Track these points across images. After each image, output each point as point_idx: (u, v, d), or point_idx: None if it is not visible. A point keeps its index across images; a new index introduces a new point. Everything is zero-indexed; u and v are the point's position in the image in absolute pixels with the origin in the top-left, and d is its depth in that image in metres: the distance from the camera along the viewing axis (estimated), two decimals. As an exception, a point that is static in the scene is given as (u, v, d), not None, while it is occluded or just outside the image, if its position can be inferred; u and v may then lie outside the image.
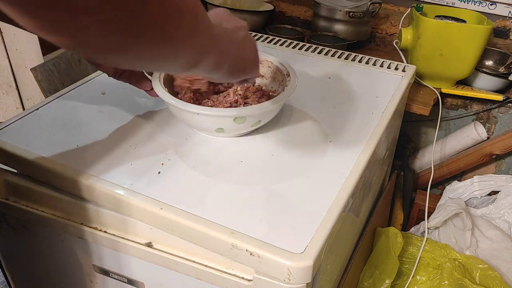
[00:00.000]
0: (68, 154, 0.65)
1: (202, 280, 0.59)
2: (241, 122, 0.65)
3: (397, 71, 0.95)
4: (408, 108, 1.11)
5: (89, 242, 0.65)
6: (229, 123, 0.65)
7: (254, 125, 0.69)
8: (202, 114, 0.64)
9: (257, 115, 0.67)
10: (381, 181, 1.08)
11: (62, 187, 0.64)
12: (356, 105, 0.82)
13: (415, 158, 1.36)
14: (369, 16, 1.30)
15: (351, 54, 1.01)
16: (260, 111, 0.66)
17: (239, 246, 0.53)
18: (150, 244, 0.61)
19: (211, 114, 0.64)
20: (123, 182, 0.61)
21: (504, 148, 1.21)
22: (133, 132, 0.71)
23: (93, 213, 0.64)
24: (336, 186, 0.62)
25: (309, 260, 0.51)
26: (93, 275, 0.70)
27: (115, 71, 0.70)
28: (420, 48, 1.12)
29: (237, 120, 0.65)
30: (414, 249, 1.12)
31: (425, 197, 1.20)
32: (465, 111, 1.26)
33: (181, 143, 0.69)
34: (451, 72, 1.15)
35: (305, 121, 0.76)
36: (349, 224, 0.77)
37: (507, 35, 1.29)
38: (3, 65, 1.60)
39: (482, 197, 1.26)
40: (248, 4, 1.45)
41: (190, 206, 0.57)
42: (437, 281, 1.05)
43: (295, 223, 0.56)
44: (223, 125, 0.66)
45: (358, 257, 0.92)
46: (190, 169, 0.64)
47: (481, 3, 1.29)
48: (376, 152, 0.74)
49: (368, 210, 0.99)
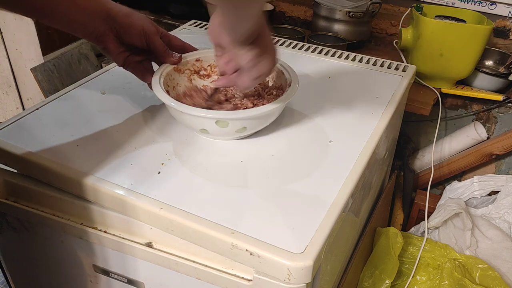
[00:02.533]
0: (68, 154, 0.65)
1: (202, 280, 0.59)
2: (223, 126, 0.65)
3: (397, 71, 0.95)
4: (408, 108, 1.11)
5: (89, 242, 0.65)
6: (211, 125, 0.65)
7: (240, 131, 0.66)
8: (186, 113, 0.64)
9: (239, 120, 0.64)
10: (381, 181, 1.08)
11: (62, 187, 0.64)
12: (356, 105, 0.82)
13: (415, 158, 1.36)
14: (369, 16, 1.30)
15: (351, 54, 1.01)
16: (242, 117, 0.64)
17: (239, 246, 0.53)
18: (150, 244, 0.61)
19: (191, 113, 0.64)
20: (123, 182, 0.61)
21: (504, 148, 1.21)
22: (133, 132, 0.71)
23: (93, 213, 0.64)
24: (336, 186, 0.62)
25: (309, 260, 0.51)
26: (93, 275, 0.70)
27: (124, 61, 0.70)
28: (420, 48, 1.12)
29: (219, 123, 0.64)
30: (414, 249, 1.12)
31: (425, 197, 1.20)
32: (465, 111, 1.26)
33: (181, 144, 0.69)
34: (451, 72, 1.15)
35: (305, 121, 0.76)
36: (349, 224, 0.77)
37: (507, 35, 1.29)
38: (3, 65, 1.60)
39: (482, 197, 1.26)
40: (248, 4, 1.45)
41: (190, 206, 0.57)
42: (437, 281, 1.05)
43: (295, 223, 0.56)
44: (206, 126, 0.66)
45: (358, 257, 0.92)
46: (190, 169, 0.64)
47: (481, 3, 1.29)
48: (376, 152, 0.74)
49: (368, 210, 0.99)
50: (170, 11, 1.53)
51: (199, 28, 1.10)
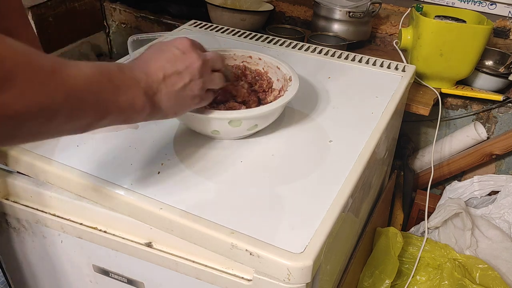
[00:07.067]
0: (68, 154, 0.65)
1: (201, 280, 0.59)
2: (236, 126, 0.65)
3: (397, 71, 0.95)
4: (408, 108, 1.11)
5: (89, 242, 0.65)
6: (224, 126, 0.65)
7: (251, 129, 0.68)
8: (197, 116, 0.64)
9: (252, 119, 0.66)
10: (381, 181, 1.08)
11: (62, 187, 0.64)
12: (356, 105, 0.82)
13: (415, 158, 1.36)
14: (369, 16, 1.30)
15: (351, 54, 1.01)
16: (254, 115, 0.65)
17: (239, 246, 0.53)
18: (150, 244, 0.61)
19: (206, 116, 0.64)
20: (123, 182, 0.61)
21: (504, 148, 1.21)
22: (133, 132, 0.71)
23: (93, 213, 0.64)
24: (336, 186, 0.62)
25: (308, 260, 0.51)
26: (93, 275, 0.70)
27: None
28: (420, 48, 1.12)
29: (232, 123, 0.64)
30: (414, 249, 1.12)
31: (425, 197, 1.20)
32: (465, 111, 1.26)
33: (181, 143, 0.69)
34: (451, 72, 1.15)
35: (305, 121, 0.76)
36: (349, 224, 0.77)
37: (507, 35, 1.29)
38: (3, 65, 1.59)
39: (482, 197, 1.26)
40: (248, 4, 1.45)
41: (189, 206, 0.57)
42: (437, 281, 1.05)
43: (295, 223, 0.56)
44: (218, 127, 0.66)
45: (358, 257, 0.92)
46: (189, 169, 0.64)
47: (481, 3, 1.29)
48: (376, 152, 0.74)
49: (368, 210, 0.99)
50: (170, 11, 1.53)
51: (199, 28, 1.10)
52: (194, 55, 0.56)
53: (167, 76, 0.53)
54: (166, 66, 0.54)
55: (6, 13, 0.67)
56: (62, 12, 1.51)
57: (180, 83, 0.55)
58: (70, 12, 1.54)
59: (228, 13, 1.33)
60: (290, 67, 0.75)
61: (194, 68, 0.56)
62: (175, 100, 0.55)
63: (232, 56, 0.79)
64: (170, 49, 0.56)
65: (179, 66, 0.55)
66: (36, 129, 0.39)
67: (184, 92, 0.55)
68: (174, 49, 0.56)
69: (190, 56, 0.56)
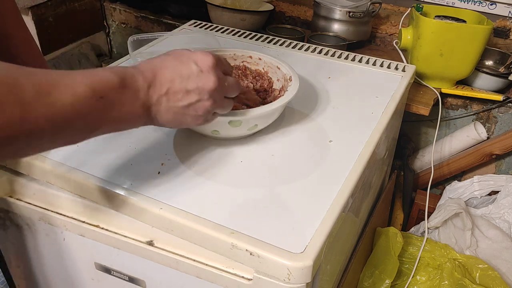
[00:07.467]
0: (68, 154, 0.65)
1: (202, 279, 0.59)
2: (236, 126, 0.65)
3: (397, 71, 0.95)
4: (408, 108, 1.11)
5: (91, 240, 0.66)
6: (224, 126, 0.65)
7: (251, 129, 0.68)
8: None
9: (252, 119, 0.66)
10: (381, 181, 1.08)
11: (62, 187, 0.64)
12: (356, 105, 0.82)
13: (415, 158, 1.36)
14: (369, 16, 1.30)
15: (351, 54, 1.01)
16: (254, 115, 0.65)
17: (239, 246, 0.53)
18: (151, 242, 0.61)
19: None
20: (123, 182, 0.61)
21: (504, 148, 1.21)
22: (133, 132, 0.71)
23: (95, 211, 0.64)
24: (336, 186, 0.62)
25: (309, 260, 0.51)
26: (94, 272, 0.70)
27: None
28: (420, 48, 1.12)
29: (232, 123, 0.65)
30: (414, 249, 1.13)
31: (425, 197, 1.20)
32: (465, 111, 1.26)
33: (181, 143, 0.69)
34: (451, 72, 1.15)
35: (305, 121, 0.76)
36: (349, 224, 0.77)
37: (507, 35, 1.29)
38: (3, 65, 1.59)
39: (482, 197, 1.26)
40: (248, 4, 1.45)
41: (190, 206, 0.57)
42: (437, 281, 1.05)
43: (295, 223, 0.56)
44: (219, 127, 0.66)
45: (358, 257, 0.92)
46: (189, 169, 0.64)
47: (481, 3, 1.29)
48: (376, 152, 0.74)
49: (368, 210, 0.99)
50: (170, 11, 1.53)
51: (199, 28, 1.10)
52: (211, 77, 0.53)
53: (173, 92, 0.51)
54: (176, 80, 0.51)
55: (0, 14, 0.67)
56: (62, 12, 1.51)
57: (184, 101, 0.52)
58: (70, 12, 1.54)
59: (228, 13, 1.33)
60: (290, 67, 0.75)
61: (205, 90, 0.52)
62: (174, 116, 0.52)
63: (232, 56, 0.79)
64: (188, 63, 0.52)
65: (190, 85, 0.51)
66: (18, 149, 0.39)
67: (186, 111, 0.53)
68: (192, 65, 0.52)
69: (206, 76, 0.53)
